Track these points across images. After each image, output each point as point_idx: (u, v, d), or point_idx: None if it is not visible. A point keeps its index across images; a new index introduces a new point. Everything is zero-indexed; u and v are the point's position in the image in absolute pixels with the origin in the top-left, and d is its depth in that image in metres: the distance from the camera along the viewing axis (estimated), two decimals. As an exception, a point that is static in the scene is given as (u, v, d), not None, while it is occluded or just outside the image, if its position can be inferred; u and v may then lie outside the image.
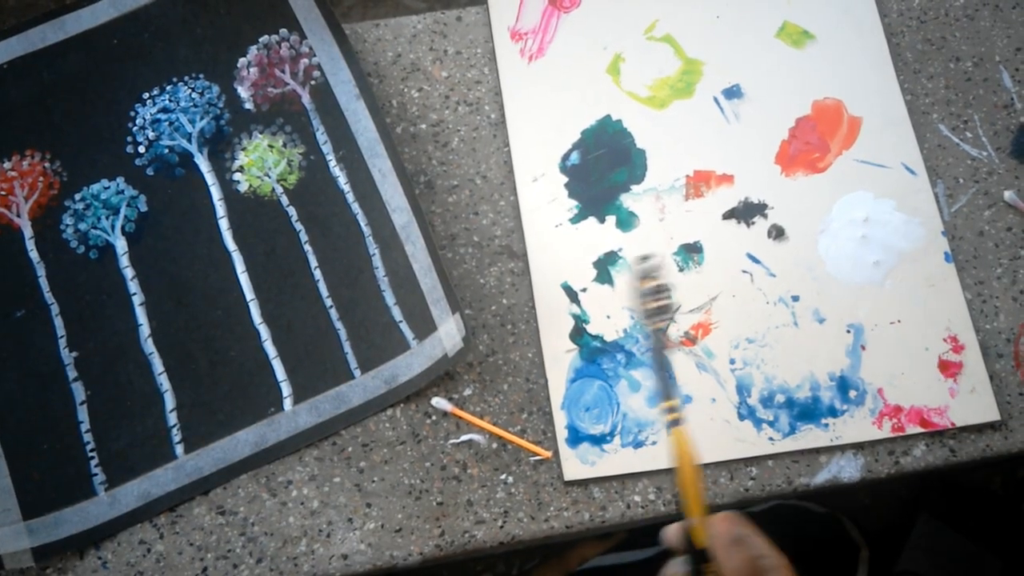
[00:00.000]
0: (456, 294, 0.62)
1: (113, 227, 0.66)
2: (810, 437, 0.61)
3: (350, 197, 0.66)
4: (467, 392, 0.63)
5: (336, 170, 0.67)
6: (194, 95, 0.69)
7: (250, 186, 0.67)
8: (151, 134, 0.68)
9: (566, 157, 0.68)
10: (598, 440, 0.61)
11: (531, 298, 0.65)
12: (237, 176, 0.67)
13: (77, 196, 0.66)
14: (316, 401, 0.62)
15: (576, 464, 0.61)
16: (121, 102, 0.69)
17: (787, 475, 0.61)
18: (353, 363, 0.63)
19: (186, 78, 0.69)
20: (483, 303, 0.65)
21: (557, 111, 0.69)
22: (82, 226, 0.66)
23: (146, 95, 0.69)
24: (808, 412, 0.61)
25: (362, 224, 0.66)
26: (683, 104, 0.69)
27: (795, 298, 0.64)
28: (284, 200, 0.67)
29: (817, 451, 0.61)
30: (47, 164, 0.67)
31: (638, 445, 0.61)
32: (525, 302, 0.65)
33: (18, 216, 0.66)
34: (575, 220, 0.66)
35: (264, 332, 0.64)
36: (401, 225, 0.65)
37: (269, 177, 0.67)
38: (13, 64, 0.69)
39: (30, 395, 0.62)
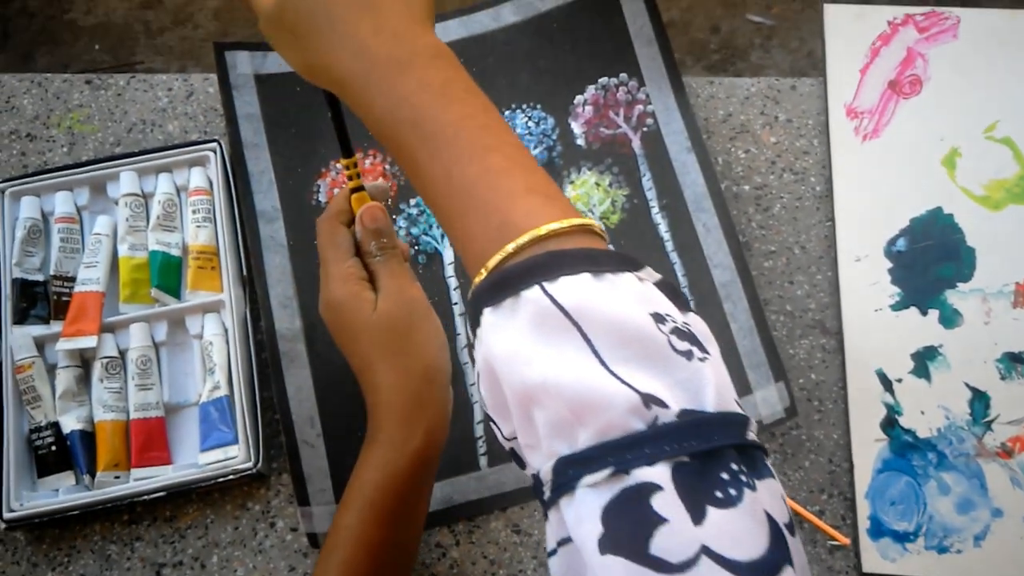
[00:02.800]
0: (782, 362, 0.62)
1: (443, 236, 0.69)
2: None
3: (669, 246, 0.67)
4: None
5: (658, 217, 0.68)
6: (530, 123, 0.71)
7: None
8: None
9: (892, 242, 0.67)
10: (901, 537, 0.60)
11: (842, 378, 0.64)
12: (562, 207, 0.69)
13: (412, 201, 0.70)
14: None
15: (876, 557, 0.59)
16: (462, 119, 0.72)
17: (1105, 615, 0.58)
18: None
19: (524, 106, 0.72)
20: (790, 374, 0.65)
21: (887, 194, 0.68)
22: (414, 231, 0.69)
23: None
24: None
25: (679, 274, 0.67)
26: (1018, 209, 0.68)
27: None
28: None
29: None
30: (388, 166, 0.71)
31: (942, 551, 0.59)
32: (835, 381, 0.64)
33: (356, 211, 0.69)
34: (896, 308, 0.65)
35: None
36: (722, 283, 0.65)
37: (593, 213, 0.69)
38: (367, 68, 0.73)
39: (351, 384, 0.64)
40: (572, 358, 0.31)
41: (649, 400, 0.30)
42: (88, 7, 1.32)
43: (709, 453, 0.30)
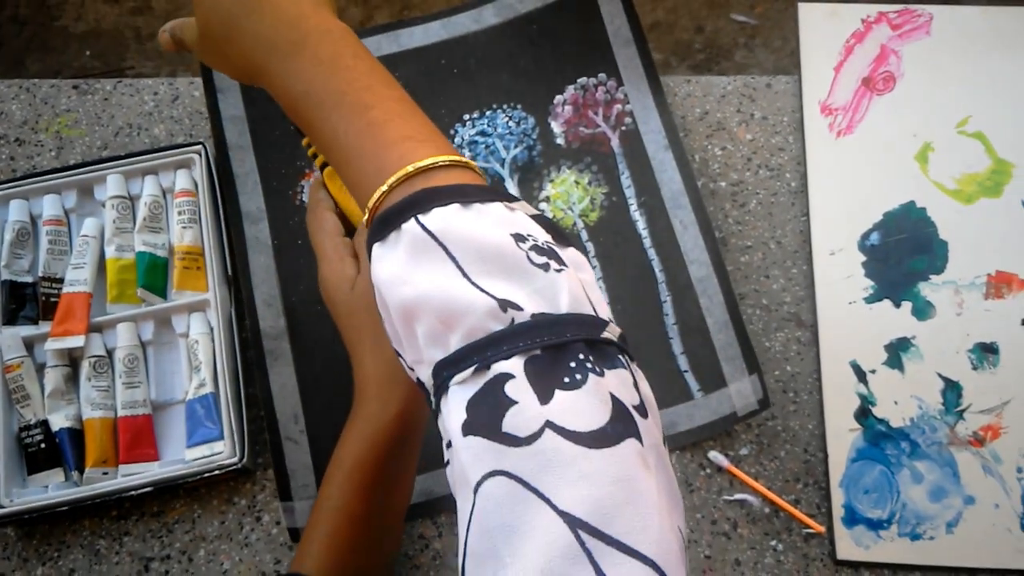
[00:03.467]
0: (756, 355, 0.64)
1: (424, 235, 0.70)
2: (1104, 564, 0.59)
3: (647, 242, 0.69)
4: (743, 451, 0.64)
5: (636, 214, 0.70)
6: (511, 123, 0.73)
7: (554, 217, 0.70)
8: (468, 153, 0.72)
9: (866, 236, 0.68)
10: (875, 525, 0.61)
11: (816, 370, 0.65)
12: (543, 206, 0.70)
13: (394, 200, 0.71)
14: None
15: (850, 545, 0.61)
16: (443, 119, 0.73)
17: (1073, 599, 0.59)
18: (695, 385, 0.65)
19: (505, 106, 0.73)
20: (766, 367, 0.66)
21: (861, 189, 0.70)
22: (396, 229, 0.70)
23: (467, 116, 0.73)
24: (1103, 538, 0.60)
25: (656, 270, 0.68)
26: (990, 203, 0.69)
27: (1098, 418, 0.62)
28: (584, 235, 0.69)
29: (1108, 580, 0.59)
30: (371, 166, 0.72)
31: (915, 537, 0.61)
32: (810, 372, 0.66)
33: (340, 210, 0.70)
34: (870, 300, 0.67)
35: (552, 358, 0.66)
36: (698, 278, 0.67)
37: (572, 211, 0.70)
38: (350, 70, 0.74)
39: (335, 380, 0.66)
40: (440, 274, 0.35)
41: (506, 304, 0.34)
42: (78, 14, 1.33)
43: (560, 347, 0.34)
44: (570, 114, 0.73)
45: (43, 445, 0.62)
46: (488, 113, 0.73)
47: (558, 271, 0.35)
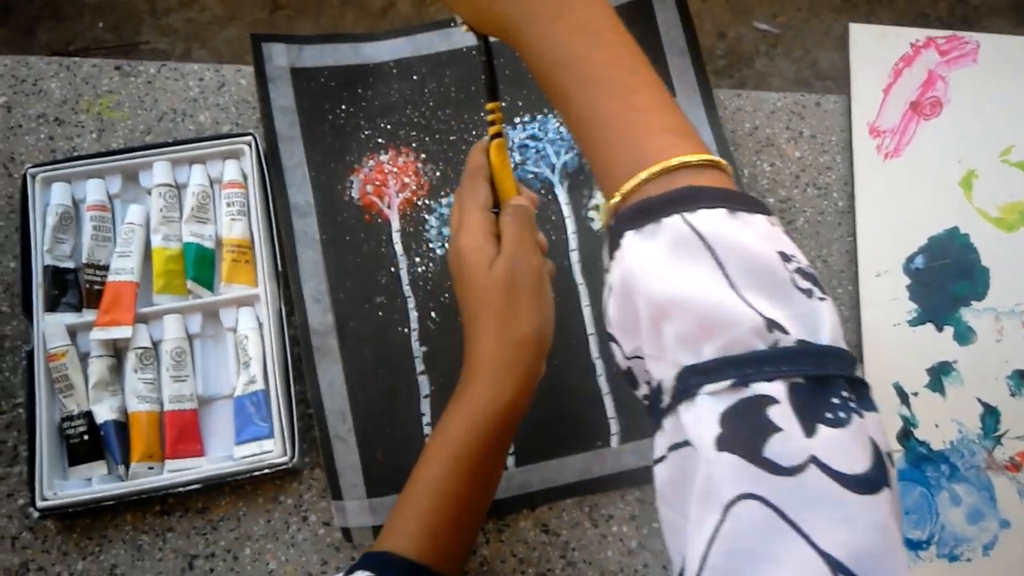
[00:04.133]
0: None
1: (474, 237, 0.69)
2: None
3: (696, 255, 0.69)
4: (787, 468, 0.65)
5: (685, 226, 0.70)
6: (561, 129, 0.72)
7: (603, 225, 0.70)
8: (518, 157, 0.72)
9: (911, 259, 0.69)
10: (915, 545, 0.62)
11: (860, 390, 0.66)
12: (592, 214, 0.70)
13: (444, 201, 0.70)
14: (640, 445, 0.65)
15: (890, 563, 0.62)
16: (494, 121, 0.72)
17: (1104, 624, 0.61)
18: None
19: (555, 112, 0.73)
20: (811, 384, 0.67)
21: (907, 212, 0.71)
22: (446, 231, 0.70)
23: (517, 120, 0.73)
24: None
25: (705, 283, 0.68)
26: (1031, 231, 0.70)
27: None
28: (633, 245, 0.69)
29: None
30: (420, 164, 0.71)
31: (953, 559, 0.62)
32: (853, 393, 0.66)
33: (388, 208, 0.70)
34: (913, 323, 0.68)
35: (599, 367, 0.67)
36: (748, 293, 0.67)
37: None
38: (400, 63, 0.74)
39: (381, 379, 0.66)
40: (705, 278, 0.35)
41: (772, 324, 0.33)
42: (92, -17, 1.30)
43: (822, 379, 0.33)
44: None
45: (86, 436, 0.61)
46: (539, 118, 0.73)
47: (821, 299, 0.35)
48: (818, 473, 0.31)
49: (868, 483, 0.31)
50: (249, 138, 0.68)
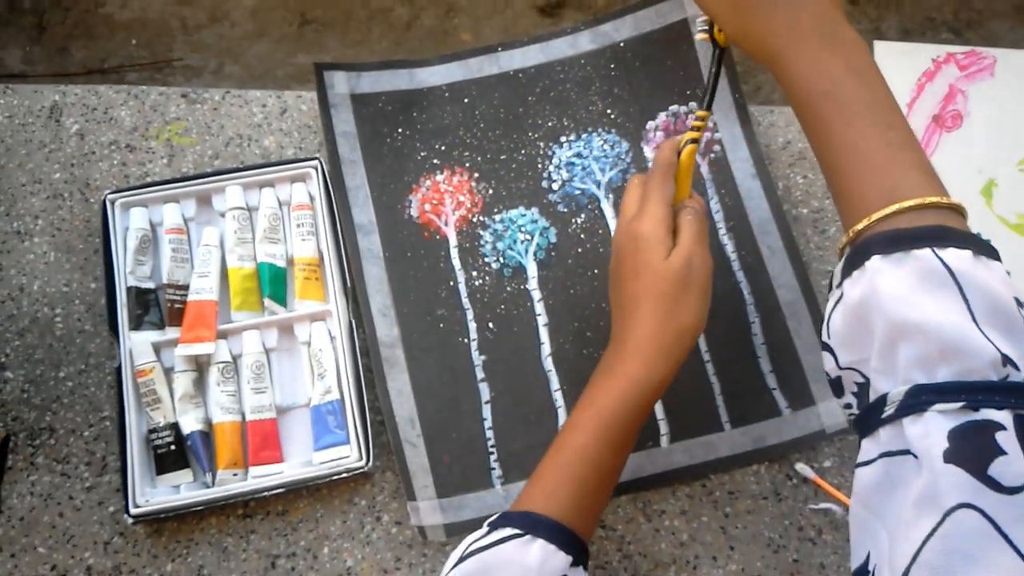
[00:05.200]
0: (846, 377, 0.69)
1: (526, 251, 0.74)
2: None
3: (735, 265, 0.73)
4: (827, 464, 0.69)
5: (725, 238, 0.74)
6: (605, 147, 0.77)
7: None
8: (565, 174, 0.76)
9: (937, 266, 0.74)
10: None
11: (893, 389, 0.71)
12: (637, 226, 0.75)
13: (497, 217, 0.75)
14: (689, 444, 0.69)
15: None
16: (541, 140, 0.77)
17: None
18: (724, 416, 0.70)
19: (599, 130, 0.77)
20: (846, 385, 0.71)
21: (932, 222, 0.75)
22: (500, 245, 0.74)
23: (563, 138, 0.77)
24: None
25: (745, 292, 0.73)
26: (1049, 237, 0.75)
27: None
28: (676, 256, 0.74)
29: None
30: (474, 183, 0.75)
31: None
32: (887, 392, 0.71)
33: (445, 225, 0.74)
34: (941, 326, 0.72)
35: (648, 372, 0.71)
36: (786, 301, 0.72)
37: (665, 232, 0.74)
38: (452, 87, 0.78)
39: (445, 387, 0.70)
40: (950, 309, 0.39)
41: (1007, 360, 0.38)
42: (123, 2, 1.34)
43: None
44: (661, 139, 0.77)
45: (172, 447, 0.65)
46: (584, 136, 0.77)
47: None
48: None
49: None
50: (315, 162, 0.72)
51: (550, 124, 0.77)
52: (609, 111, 0.77)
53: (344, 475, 0.64)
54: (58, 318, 0.70)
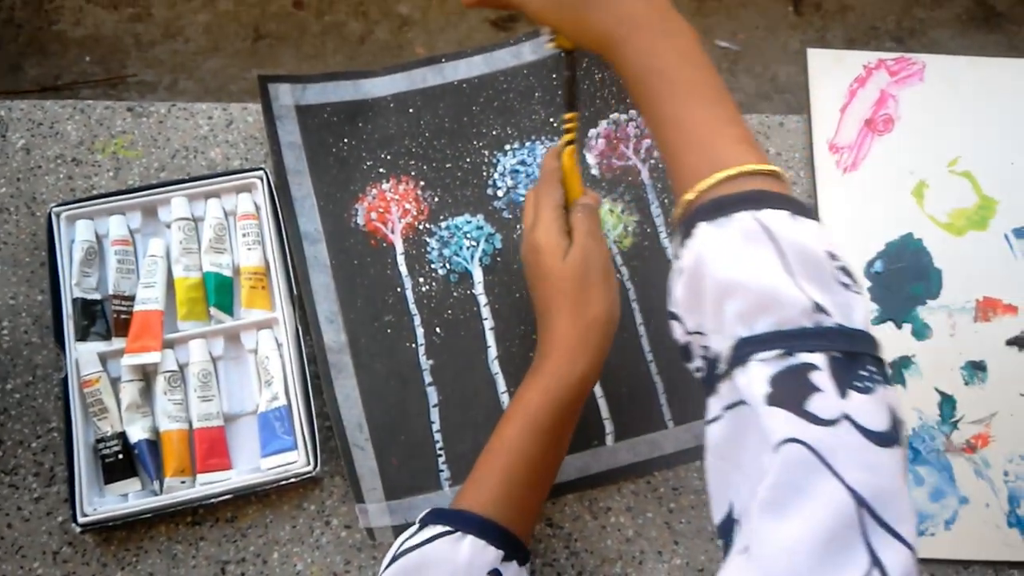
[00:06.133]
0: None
1: (472, 257, 0.75)
2: (1078, 555, 0.68)
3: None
4: (767, 458, 0.71)
5: (666, 242, 0.76)
6: (549, 153, 0.78)
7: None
8: (509, 182, 0.78)
9: (871, 264, 0.76)
10: (884, 522, 0.69)
11: (830, 384, 0.73)
12: (580, 231, 0.76)
13: (443, 224, 0.76)
14: (634, 442, 0.71)
15: (863, 540, 0.68)
16: (485, 149, 0.78)
17: (1053, 585, 0.68)
18: (667, 415, 0.71)
19: (543, 138, 0.79)
20: (785, 381, 0.73)
21: (865, 221, 0.78)
22: (446, 251, 0.75)
23: (507, 147, 0.79)
24: (1077, 532, 0.69)
25: (686, 292, 0.74)
26: (977, 235, 0.78)
27: (1071, 428, 0.71)
28: (619, 259, 0.76)
29: (1082, 569, 0.68)
30: (419, 191, 0.77)
31: (919, 534, 0.69)
32: (824, 387, 0.73)
33: (392, 232, 0.75)
34: (875, 322, 0.75)
35: (593, 372, 0.72)
36: (726, 300, 0.73)
37: (607, 237, 0.76)
38: (397, 97, 0.79)
39: (393, 391, 0.71)
40: (767, 266, 0.42)
41: (818, 307, 0.41)
42: (76, 19, 1.34)
43: (854, 355, 0.40)
44: (603, 147, 0.79)
45: (120, 456, 0.65)
46: (528, 144, 0.79)
47: (856, 293, 0.43)
48: (848, 427, 0.38)
49: (886, 439, 0.38)
50: (260, 172, 0.73)
51: (494, 133, 0.79)
52: (552, 120, 0.79)
53: (292, 480, 0.65)
54: (4, 331, 0.70)
